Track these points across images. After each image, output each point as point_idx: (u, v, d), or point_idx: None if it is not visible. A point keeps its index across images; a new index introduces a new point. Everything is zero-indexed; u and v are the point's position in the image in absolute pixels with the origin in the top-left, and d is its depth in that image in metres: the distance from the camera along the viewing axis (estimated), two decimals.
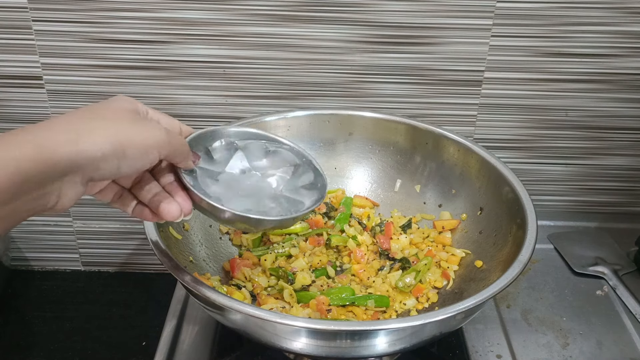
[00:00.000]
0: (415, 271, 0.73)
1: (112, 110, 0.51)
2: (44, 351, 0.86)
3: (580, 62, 0.84)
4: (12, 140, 0.45)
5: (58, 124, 0.47)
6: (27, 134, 0.45)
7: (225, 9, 0.81)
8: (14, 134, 0.45)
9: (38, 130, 0.46)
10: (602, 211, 0.95)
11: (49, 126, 0.47)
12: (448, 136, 0.80)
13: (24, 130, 0.46)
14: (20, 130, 0.46)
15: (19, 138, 0.45)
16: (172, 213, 0.54)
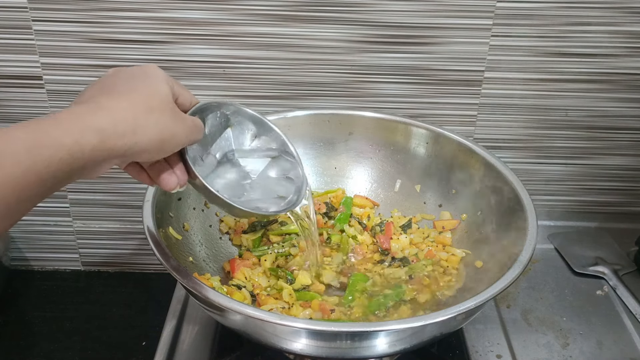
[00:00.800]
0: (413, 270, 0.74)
1: (158, 99, 0.53)
2: (44, 351, 0.86)
3: (580, 62, 0.84)
4: (76, 123, 0.47)
5: (117, 111, 0.49)
6: (90, 118, 0.48)
7: (225, 9, 0.80)
8: (76, 114, 0.48)
9: (100, 115, 0.48)
10: (602, 211, 0.95)
11: (109, 113, 0.49)
12: (448, 136, 0.80)
13: (87, 112, 0.48)
14: (81, 109, 0.49)
15: (83, 123, 0.47)
16: (170, 184, 0.57)
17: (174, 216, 0.72)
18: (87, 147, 0.46)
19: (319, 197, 0.83)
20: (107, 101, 0.50)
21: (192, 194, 0.76)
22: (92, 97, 0.51)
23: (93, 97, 0.51)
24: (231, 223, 0.79)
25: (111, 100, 0.50)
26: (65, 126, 0.46)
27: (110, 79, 0.54)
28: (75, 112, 0.48)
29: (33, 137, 0.44)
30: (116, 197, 0.93)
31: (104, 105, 0.50)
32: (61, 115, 0.47)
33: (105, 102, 0.50)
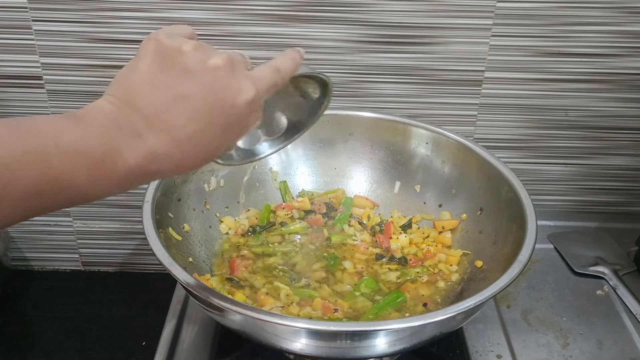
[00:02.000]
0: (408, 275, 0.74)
1: (219, 110, 0.46)
2: (44, 351, 0.86)
3: (580, 62, 0.84)
4: (131, 139, 0.43)
5: (174, 124, 0.44)
6: (144, 131, 0.43)
7: (225, 9, 0.80)
8: (132, 122, 0.43)
9: (155, 129, 0.43)
10: (602, 211, 0.95)
11: (164, 125, 0.44)
12: (448, 136, 0.80)
13: (141, 121, 0.43)
14: (136, 117, 0.43)
15: (137, 142, 0.43)
16: None
17: (174, 216, 0.72)
18: (135, 171, 0.43)
19: (319, 198, 0.83)
20: (168, 111, 0.44)
21: (191, 195, 0.76)
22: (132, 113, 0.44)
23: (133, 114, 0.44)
24: (231, 224, 0.79)
25: (169, 105, 0.44)
26: (127, 138, 0.43)
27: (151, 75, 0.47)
28: (131, 121, 0.43)
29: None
30: (116, 197, 0.93)
31: (160, 115, 0.44)
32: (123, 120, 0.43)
33: (164, 112, 0.44)
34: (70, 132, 0.41)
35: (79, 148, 0.41)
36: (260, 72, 0.49)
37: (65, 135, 0.41)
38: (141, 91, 0.46)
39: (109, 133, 0.42)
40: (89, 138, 0.42)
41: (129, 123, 0.43)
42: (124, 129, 0.43)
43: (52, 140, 0.40)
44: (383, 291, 0.72)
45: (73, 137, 0.41)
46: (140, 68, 0.48)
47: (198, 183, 0.77)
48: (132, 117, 0.44)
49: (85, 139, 0.41)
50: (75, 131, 0.42)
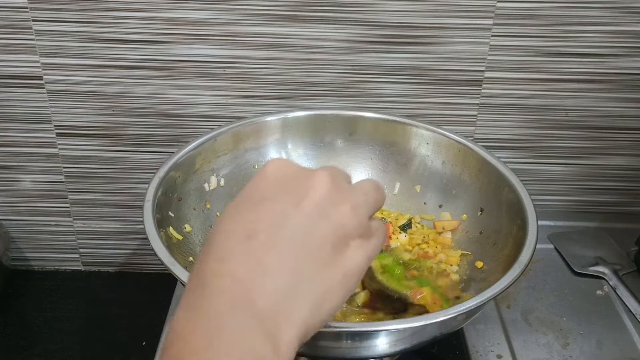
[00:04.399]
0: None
1: (344, 277, 0.41)
2: (44, 351, 0.86)
3: (580, 62, 0.84)
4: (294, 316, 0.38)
5: (322, 305, 0.39)
6: (301, 309, 0.38)
7: (225, 9, 0.80)
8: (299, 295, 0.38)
9: (311, 307, 0.39)
10: (602, 211, 0.95)
11: (316, 310, 0.39)
12: (448, 136, 0.80)
13: (301, 299, 0.38)
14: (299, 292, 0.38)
15: (297, 317, 0.38)
16: None
17: (175, 216, 0.72)
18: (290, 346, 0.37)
19: None
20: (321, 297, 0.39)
21: (192, 195, 0.76)
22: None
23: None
24: None
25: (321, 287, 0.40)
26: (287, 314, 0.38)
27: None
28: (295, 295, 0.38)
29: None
30: (116, 197, 0.93)
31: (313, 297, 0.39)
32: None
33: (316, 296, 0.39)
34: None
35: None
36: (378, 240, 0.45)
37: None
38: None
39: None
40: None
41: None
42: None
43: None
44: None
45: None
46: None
47: (199, 182, 0.77)
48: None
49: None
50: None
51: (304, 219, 0.40)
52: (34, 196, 0.93)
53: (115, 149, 0.89)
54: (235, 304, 0.36)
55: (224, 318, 0.36)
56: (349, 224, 0.41)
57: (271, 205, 0.40)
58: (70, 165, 0.90)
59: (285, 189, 0.41)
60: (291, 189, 0.41)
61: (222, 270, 0.38)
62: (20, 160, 0.90)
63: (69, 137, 0.88)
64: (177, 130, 0.88)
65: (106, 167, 0.91)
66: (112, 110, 0.87)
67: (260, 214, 0.40)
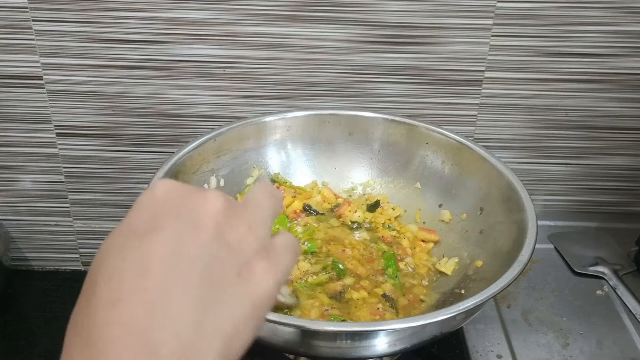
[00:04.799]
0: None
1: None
2: (44, 351, 0.86)
3: (580, 62, 0.84)
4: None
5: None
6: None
7: (225, 9, 0.81)
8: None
9: (221, 348, 0.34)
10: (602, 211, 0.95)
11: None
12: (448, 136, 0.80)
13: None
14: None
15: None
16: None
17: None
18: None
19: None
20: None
21: None
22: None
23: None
24: None
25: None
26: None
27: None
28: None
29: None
30: (116, 197, 0.93)
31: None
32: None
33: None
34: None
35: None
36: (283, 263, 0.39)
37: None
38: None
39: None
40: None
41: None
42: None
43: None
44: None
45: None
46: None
47: (198, 183, 0.77)
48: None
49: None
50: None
51: (201, 247, 0.34)
52: (34, 196, 0.93)
53: (115, 149, 0.89)
54: (139, 356, 0.31)
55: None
56: (249, 247, 0.36)
57: (163, 235, 0.34)
58: (70, 165, 0.90)
59: (177, 214, 0.36)
60: (183, 214, 0.36)
61: (114, 318, 0.32)
62: (20, 160, 0.90)
63: (69, 137, 0.88)
64: (177, 130, 0.88)
65: (106, 167, 0.91)
66: (112, 110, 0.87)
67: (151, 246, 0.34)
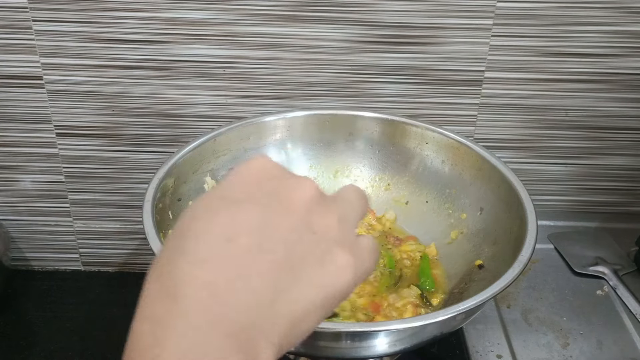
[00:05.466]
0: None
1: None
2: (44, 351, 0.86)
3: (580, 62, 0.84)
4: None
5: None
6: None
7: (225, 9, 0.80)
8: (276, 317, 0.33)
9: (288, 328, 0.34)
10: (602, 211, 0.95)
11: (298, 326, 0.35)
12: (448, 136, 0.80)
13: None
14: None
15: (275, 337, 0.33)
16: None
17: (174, 217, 0.72)
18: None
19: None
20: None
21: (192, 195, 0.76)
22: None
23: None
24: None
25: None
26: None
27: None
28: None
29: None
30: (116, 197, 0.93)
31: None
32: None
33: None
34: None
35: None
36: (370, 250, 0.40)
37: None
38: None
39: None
40: None
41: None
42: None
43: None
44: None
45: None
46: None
47: (198, 183, 0.77)
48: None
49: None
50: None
51: (288, 228, 0.35)
52: (34, 196, 0.93)
53: (115, 149, 0.89)
54: (213, 319, 0.32)
55: (199, 336, 0.31)
56: (335, 238, 0.36)
57: (253, 208, 0.35)
58: (70, 165, 0.90)
59: (270, 192, 0.36)
60: (276, 193, 0.36)
61: (199, 277, 0.32)
62: (20, 160, 0.90)
63: (69, 137, 0.88)
64: (177, 130, 0.88)
65: (106, 167, 0.91)
66: (112, 110, 0.87)
67: (240, 216, 0.34)
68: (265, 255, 0.34)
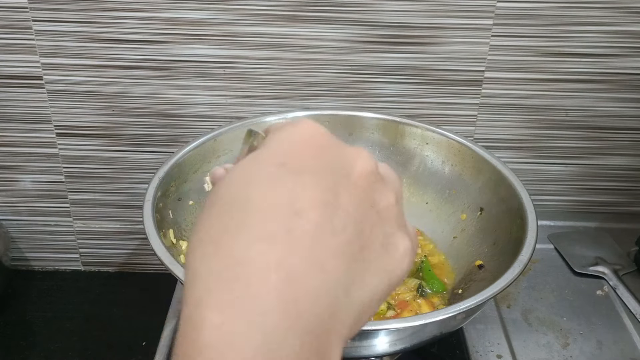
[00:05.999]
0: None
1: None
2: (44, 351, 0.86)
3: (580, 62, 0.84)
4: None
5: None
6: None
7: (225, 9, 0.80)
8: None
9: (355, 319, 0.30)
10: (602, 211, 0.95)
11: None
12: (448, 136, 0.80)
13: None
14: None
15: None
16: None
17: (174, 217, 0.72)
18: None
19: None
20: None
21: (192, 195, 0.76)
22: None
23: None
24: None
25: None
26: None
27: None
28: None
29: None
30: (116, 197, 0.93)
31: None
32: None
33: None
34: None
35: None
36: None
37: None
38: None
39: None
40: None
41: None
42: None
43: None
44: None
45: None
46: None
47: (198, 183, 0.77)
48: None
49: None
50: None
51: (355, 204, 0.30)
52: (34, 196, 0.93)
53: (115, 149, 0.89)
54: (288, 310, 0.26)
55: (274, 332, 0.26)
56: (395, 219, 0.32)
57: (317, 179, 0.30)
58: (70, 165, 0.90)
59: (329, 162, 0.31)
60: (336, 164, 0.31)
61: (271, 257, 0.27)
62: (20, 160, 0.90)
63: (69, 137, 0.88)
64: (177, 130, 0.88)
65: (106, 167, 0.91)
66: (112, 110, 0.87)
67: (306, 187, 0.29)
68: (337, 235, 0.29)
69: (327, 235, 0.28)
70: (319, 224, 0.28)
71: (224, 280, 0.27)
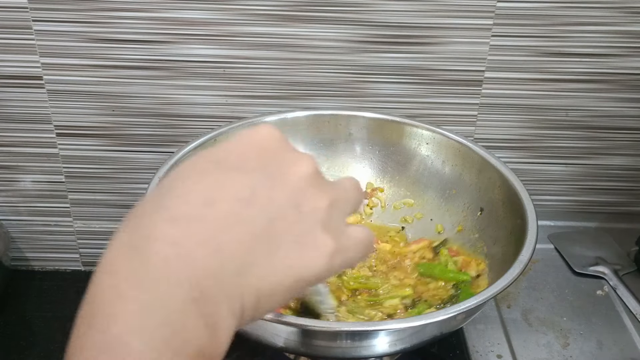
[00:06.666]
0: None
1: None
2: (44, 351, 0.86)
3: (580, 62, 0.84)
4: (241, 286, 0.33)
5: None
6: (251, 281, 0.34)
7: (225, 9, 0.80)
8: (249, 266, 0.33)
9: (252, 302, 0.34)
10: (602, 211, 0.95)
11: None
12: (448, 136, 0.80)
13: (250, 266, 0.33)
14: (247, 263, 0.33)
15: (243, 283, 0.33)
16: None
17: None
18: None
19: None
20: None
21: None
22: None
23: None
24: None
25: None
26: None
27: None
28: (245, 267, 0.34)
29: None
30: (116, 197, 0.93)
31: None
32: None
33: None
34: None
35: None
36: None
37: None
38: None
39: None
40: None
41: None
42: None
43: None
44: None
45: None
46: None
47: None
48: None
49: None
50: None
51: (272, 202, 0.34)
52: (34, 196, 0.93)
53: (115, 149, 0.89)
54: (177, 280, 0.31)
55: (162, 295, 0.31)
56: (319, 221, 0.36)
57: (243, 178, 0.34)
58: (70, 165, 0.90)
59: (265, 163, 0.36)
60: (271, 165, 0.36)
61: (169, 234, 0.32)
62: (20, 160, 0.90)
63: (69, 137, 0.88)
64: (177, 130, 0.88)
65: (106, 167, 0.91)
66: (112, 110, 0.87)
67: (227, 182, 0.34)
68: (242, 225, 0.33)
69: (232, 224, 0.33)
70: (228, 214, 0.33)
71: (126, 251, 0.32)
